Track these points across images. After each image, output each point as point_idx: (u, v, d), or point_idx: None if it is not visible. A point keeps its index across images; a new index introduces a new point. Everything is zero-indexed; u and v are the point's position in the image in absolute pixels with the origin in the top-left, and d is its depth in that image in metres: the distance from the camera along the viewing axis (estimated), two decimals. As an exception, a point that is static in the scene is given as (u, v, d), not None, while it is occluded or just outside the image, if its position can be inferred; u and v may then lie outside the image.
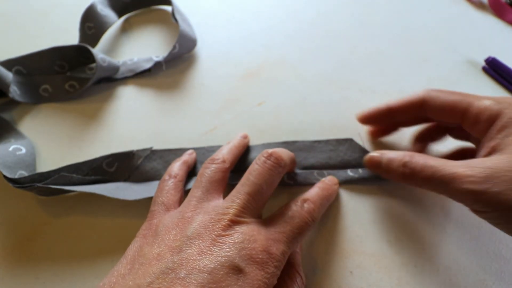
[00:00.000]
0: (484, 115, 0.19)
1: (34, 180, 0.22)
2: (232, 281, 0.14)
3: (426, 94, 0.21)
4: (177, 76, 0.31)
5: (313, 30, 0.36)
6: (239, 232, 0.16)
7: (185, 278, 0.14)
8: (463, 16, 0.38)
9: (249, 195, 0.18)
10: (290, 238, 0.17)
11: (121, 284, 0.15)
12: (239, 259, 0.15)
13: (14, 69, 0.29)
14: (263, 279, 0.15)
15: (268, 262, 0.15)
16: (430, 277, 0.20)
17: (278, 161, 0.19)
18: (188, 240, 0.16)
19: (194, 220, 0.17)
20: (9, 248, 0.21)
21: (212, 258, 0.15)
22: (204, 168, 0.20)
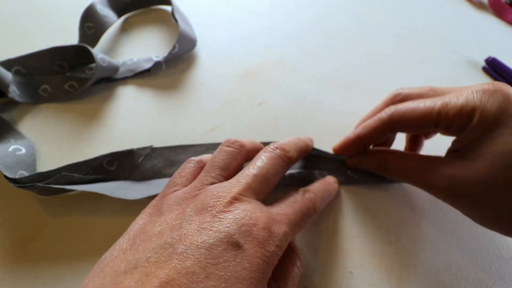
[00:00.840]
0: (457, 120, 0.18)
1: (35, 180, 0.22)
2: (230, 257, 0.14)
3: (391, 115, 0.20)
4: (177, 76, 0.31)
5: (313, 30, 0.36)
6: (241, 209, 0.16)
7: (183, 253, 0.14)
8: (463, 16, 0.38)
9: (255, 177, 0.18)
10: (292, 221, 0.17)
11: (121, 258, 0.15)
12: (238, 235, 0.15)
13: (14, 69, 0.29)
14: (262, 257, 0.15)
15: (269, 240, 0.15)
16: (430, 277, 0.20)
17: (285, 152, 0.20)
18: (189, 217, 0.16)
19: (197, 199, 0.17)
20: (9, 248, 0.21)
21: (211, 233, 0.15)
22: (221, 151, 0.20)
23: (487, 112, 0.16)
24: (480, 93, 0.17)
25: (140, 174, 0.24)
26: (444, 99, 0.18)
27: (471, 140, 0.17)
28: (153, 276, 0.13)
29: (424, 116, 0.19)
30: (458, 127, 0.18)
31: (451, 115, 0.18)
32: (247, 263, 0.14)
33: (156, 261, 0.14)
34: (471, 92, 0.17)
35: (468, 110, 0.17)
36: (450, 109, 0.18)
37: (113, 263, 0.15)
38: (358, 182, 0.24)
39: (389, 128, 0.21)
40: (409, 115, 0.19)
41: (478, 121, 0.17)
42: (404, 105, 0.20)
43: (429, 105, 0.19)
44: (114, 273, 0.14)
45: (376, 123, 0.21)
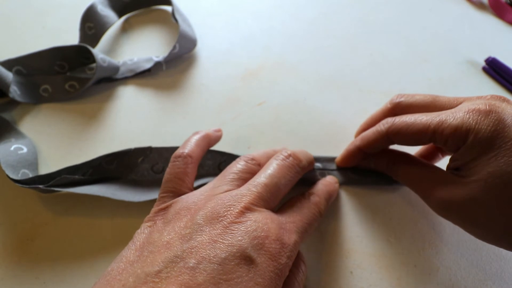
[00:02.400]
0: (451, 140, 0.18)
1: (36, 182, 0.22)
2: (243, 272, 0.14)
3: (389, 129, 0.20)
4: (177, 76, 0.31)
5: (313, 31, 0.36)
6: (252, 220, 0.15)
7: (195, 268, 0.13)
8: (463, 16, 0.38)
9: (266, 186, 0.17)
10: (301, 228, 0.17)
11: (129, 271, 0.14)
12: (251, 248, 0.14)
13: (14, 69, 0.29)
14: (275, 270, 0.14)
15: (281, 252, 0.15)
16: (430, 277, 0.20)
17: (297, 161, 0.20)
18: (199, 227, 0.15)
19: (206, 207, 0.16)
20: (9, 248, 0.21)
21: (223, 247, 0.14)
22: (236, 164, 0.19)
23: (481, 135, 0.17)
24: (476, 113, 0.17)
25: (140, 174, 0.24)
26: (441, 117, 0.18)
27: (467, 160, 0.17)
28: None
29: (420, 132, 0.19)
30: (453, 146, 0.18)
31: (445, 134, 0.18)
32: (260, 278, 0.14)
33: (167, 276, 0.13)
34: (467, 112, 0.17)
35: (462, 131, 0.17)
36: (445, 128, 0.18)
37: (121, 276, 0.14)
38: (359, 183, 0.24)
39: (386, 140, 0.21)
40: (406, 131, 0.19)
41: (472, 143, 0.17)
42: (402, 119, 0.20)
43: (426, 122, 0.19)
44: (122, 287, 0.13)
45: (375, 136, 0.21)
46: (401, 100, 0.22)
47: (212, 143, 0.22)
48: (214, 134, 0.22)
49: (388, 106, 0.22)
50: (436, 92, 0.30)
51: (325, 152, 0.26)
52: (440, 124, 0.18)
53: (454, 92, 0.30)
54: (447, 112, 0.18)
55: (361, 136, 0.23)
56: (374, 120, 0.24)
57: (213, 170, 0.24)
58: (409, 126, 0.19)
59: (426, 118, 0.19)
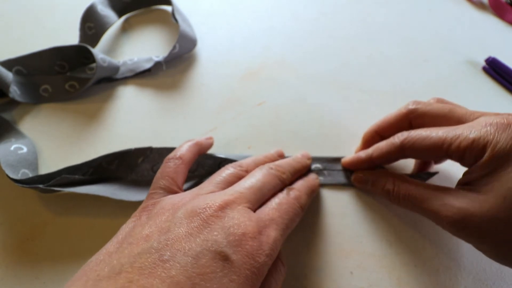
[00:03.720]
0: (468, 153, 0.17)
1: (36, 182, 0.22)
2: (218, 268, 0.14)
3: (403, 141, 0.20)
4: (177, 76, 0.31)
5: (313, 30, 0.36)
6: (230, 217, 0.15)
7: (169, 260, 0.13)
8: (463, 16, 0.38)
9: (251, 188, 0.18)
10: (281, 225, 0.17)
11: (106, 262, 0.14)
12: (226, 245, 0.14)
13: (14, 69, 0.29)
14: (251, 269, 0.14)
15: (259, 250, 0.15)
16: (430, 277, 0.20)
17: (280, 172, 0.20)
18: (178, 221, 0.15)
19: (188, 203, 0.16)
20: (9, 248, 0.21)
21: (199, 241, 0.14)
22: (225, 169, 0.20)
23: (500, 148, 0.16)
24: (493, 127, 0.17)
25: (140, 174, 0.24)
26: (457, 130, 0.18)
27: (483, 174, 0.17)
28: (135, 284, 0.13)
29: (436, 146, 0.18)
30: (470, 160, 0.17)
31: (462, 148, 0.17)
32: (235, 275, 0.14)
33: (140, 267, 0.13)
34: (484, 125, 0.17)
35: (479, 144, 0.17)
36: (462, 141, 0.17)
37: (98, 266, 0.14)
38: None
39: (400, 154, 0.20)
40: (421, 144, 0.19)
41: (490, 156, 0.16)
42: (417, 132, 0.20)
43: (441, 135, 0.18)
44: (97, 277, 0.13)
45: (388, 148, 0.21)
46: (417, 107, 0.21)
47: (203, 150, 0.23)
48: (205, 142, 0.23)
49: (403, 111, 0.22)
50: (436, 92, 0.30)
51: (325, 152, 0.26)
52: (456, 137, 0.18)
53: (454, 92, 0.30)
54: (463, 126, 0.18)
55: (375, 146, 0.22)
56: (387, 123, 0.23)
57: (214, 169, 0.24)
58: (424, 139, 0.19)
59: (442, 131, 0.18)
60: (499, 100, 0.30)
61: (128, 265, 0.14)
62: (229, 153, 0.26)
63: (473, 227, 0.17)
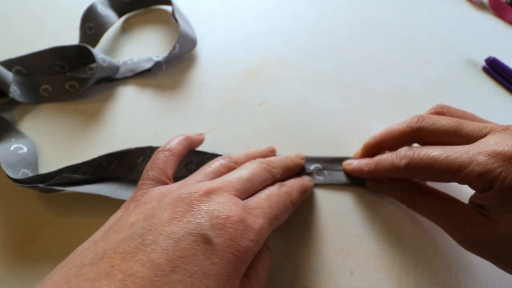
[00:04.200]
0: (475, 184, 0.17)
1: (36, 181, 0.22)
2: (199, 251, 0.14)
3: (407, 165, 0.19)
4: (177, 76, 0.31)
5: (313, 30, 0.36)
6: (216, 201, 0.15)
7: (150, 244, 0.13)
8: (463, 16, 0.38)
9: (238, 178, 0.18)
10: (269, 214, 0.17)
11: (91, 249, 0.14)
12: (209, 228, 0.14)
13: (14, 69, 0.29)
14: (234, 252, 0.14)
15: (243, 234, 0.15)
16: (430, 277, 0.20)
17: (270, 167, 0.20)
18: (163, 206, 0.15)
19: (176, 191, 0.16)
20: (9, 248, 0.21)
21: (181, 224, 0.14)
22: (215, 161, 0.20)
23: (508, 182, 0.16)
24: (501, 159, 0.16)
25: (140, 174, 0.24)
26: (463, 158, 0.17)
27: (494, 203, 0.17)
28: (117, 269, 0.13)
29: (440, 173, 0.18)
30: (477, 189, 0.17)
31: (468, 179, 0.17)
32: (216, 258, 0.14)
33: (123, 251, 0.13)
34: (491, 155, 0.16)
35: (486, 178, 0.16)
36: (468, 173, 0.17)
37: (82, 254, 0.14)
38: (358, 184, 0.24)
39: (404, 174, 0.20)
40: (424, 170, 0.18)
41: (499, 191, 0.16)
42: (421, 155, 0.19)
43: (446, 163, 0.17)
44: (80, 264, 0.13)
45: (391, 168, 0.20)
46: (421, 125, 0.20)
47: (193, 145, 0.23)
48: (195, 137, 0.23)
49: (407, 130, 0.21)
50: (436, 92, 0.30)
51: (325, 152, 0.26)
52: (462, 168, 0.17)
53: (454, 92, 0.30)
54: (469, 152, 0.17)
55: (377, 162, 0.22)
56: (389, 139, 0.22)
57: None
58: (429, 166, 0.18)
59: (446, 158, 0.17)
60: (499, 100, 0.30)
61: (111, 251, 0.14)
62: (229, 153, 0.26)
63: (486, 251, 0.17)
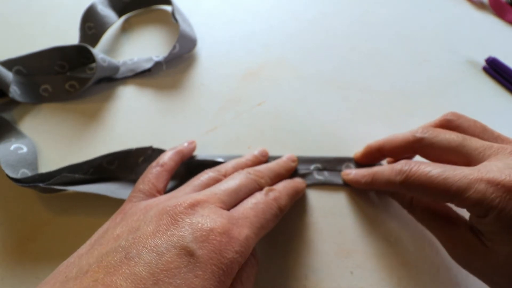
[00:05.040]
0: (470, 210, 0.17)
1: (36, 181, 0.22)
2: (182, 264, 0.13)
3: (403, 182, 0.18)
4: (177, 76, 0.31)
5: (313, 30, 0.36)
6: (200, 214, 0.15)
7: (134, 257, 0.14)
8: (463, 16, 0.38)
9: (224, 190, 0.18)
10: (255, 223, 0.17)
11: (75, 263, 0.14)
12: (192, 240, 0.14)
13: (14, 69, 0.29)
14: (218, 264, 0.14)
15: (228, 246, 0.15)
16: (430, 277, 0.20)
17: (258, 177, 0.20)
18: (148, 219, 0.15)
19: (162, 204, 0.16)
20: (9, 248, 0.21)
21: (165, 237, 0.14)
22: (204, 174, 0.20)
23: (505, 215, 0.15)
24: (500, 190, 0.15)
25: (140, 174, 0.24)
26: (462, 182, 0.16)
27: (489, 230, 0.16)
28: (100, 283, 0.13)
29: (436, 195, 0.17)
30: (473, 215, 0.17)
31: (464, 205, 0.16)
32: (200, 271, 0.14)
33: (106, 265, 0.13)
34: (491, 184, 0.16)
35: (482, 208, 0.16)
36: (465, 199, 0.16)
37: (67, 269, 0.14)
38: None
39: (400, 190, 0.20)
40: (422, 188, 0.18)
41: (494, 221, 0.16)
42: (417, 174, 0.18)
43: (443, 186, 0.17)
44: (65, 279, 0.14)
45: (387, 182, 0.20)
46: (424, 136, 0.20)
47: (185, 157, 0.23)
48: (186, 149, 0.24)
49: (410, 139, 0.20)
50: (436, 92, 0.30)
51: (325, 152, 0.26)
52: (459, 192, 0.16)
53: (454, 92, 0.30)
54: (468, 176, 0.16)
55: (373, 175, 0.21)
56: (392, 146, 0.22)
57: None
58: (425, 186, 0.17)
59: (444, 180, 0.17)
60: (499, 100, 0.30)
61: (95, 265, 0.14)
62: (229, 153, 0.26)
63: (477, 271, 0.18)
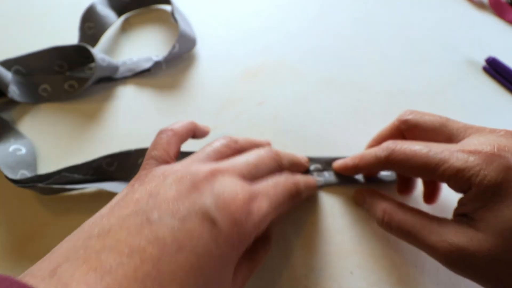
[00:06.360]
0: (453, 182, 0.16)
1: (35, 181, 0.22)
2: (204, 232, 0.14)
3: (388, 157, 0.19)
4: (177, 76, 0.31)
5: (313, 30, 0.36)
6: (221, 182, 0.15)
7: (156, 221, 0.14)
8: (463, 16, 0.38)
9: (244, 163, 0.18)
10: (274, 201, 0.17)
11: (97, 223, 0.14)
12: (214, 209, 0.14)
13: (14, 68, 0.29)
14: (238, 234, 0.14)
15: (247, 218, 0.15)
16: (430, 277, 0.20)
17: (279, 157, 0.20)
18: (168, 185, 0.15)
19: (180, 170, 0.16)
20: (9, 248, 0.21)
21: (187, 204, 0.14)
22: (216, 141, 0.20)
23: (487, 182, 0.15)
24: (481, 157, 0.16)
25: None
26: (444, 154, 0.17)
27: (476, 207, 0.16)
28: (123, 243, 0.13)
29: (420, 167, 0.17)
30: (456, 188, 0.17)
31: (446, 175, 0.16)
32: (221, 240, 0.14)
33: (128, 227, 0.14)
34: (472, 153, 0.16)
35: (464, 176, 0.16)
36: (446, 169, 0.16)
37: (89, 227, 0.14)
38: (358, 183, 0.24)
39: (386, 167, 0.20)
40: (405, 164, 0.18)
41: (478, 190, 0.15)
42: (403, 148, 0.18)
43: (426, 158, 0.17)
44: (87, 236, 0.14)
45: (373, 160, 0.20)
46: (408, 117, 0.20)
47: (198, 132, 0.22)
48: (202, 126, 0.23)
49: (395, 123, 0.21)
50: (436, 91, 0.30)
51: (325, 152, 0.26)
52: (441, 163, 0.16)
53: (454, 92, 0.30)
54: (451, 148, 0.17)
55: (361, 155, 0.21)
56: (381, 137, 0.22)
57: None
58: (409, 160, 0.18)
59: (427, 153, 0.17)
60: (499, 100, 0.30)
61: (117, 225, 0.14)
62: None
63: (466, 263, 0.16)
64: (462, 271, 0.16)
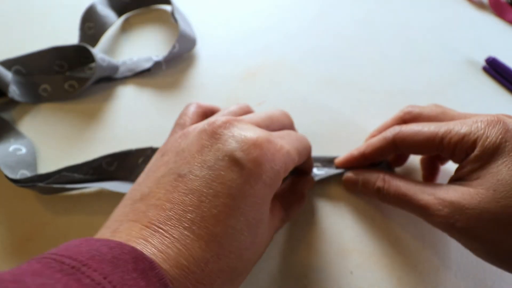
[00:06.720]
0: (459, 148, 0.18)
1: (35, 181, 0.22)
2: (234, 175, 0.14)
3: (395, 136, 0.20)
4: (177, 76, 0.31)
5: (313, 30, 0.36)
6: (239, 128, 0.16)
7: (187, 175, 0.14)
8: (463, 16, 0.38)
9: (261, 116, 0.18)
10: (294, 144, 0.17)
11: (137, 189, 0.16)
12: (238, 151, 0.15)
13: (14, 68, 0.29)
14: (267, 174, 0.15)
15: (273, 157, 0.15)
16: (430, 277, 0.20)
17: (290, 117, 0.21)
18: (190, 141, 0.16)
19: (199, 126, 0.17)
20: (9, 248, 0.21)
21: (211, 153, 0.15)
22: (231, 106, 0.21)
23: (490, 142, 0.16)
24: (484, 123, 0.17)
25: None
26: (449, 125, 0.18)
27: (474, 168, 0.17)
28: (163, 200, 0.14)
29: (427, 140, 0.19)
30: (461, 155, 0.18)
31: (453, 142, 0.18)
32: (252, 180, 0.14)
33: (164, 186, 0.15)
34: (475, 121, 0.18)
35: (470, 139, 0.17)
36: (453, 136, 0.18)
37: (131, 195, 0.16)
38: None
39: (393, 148, 0.20)
40: (413, 138, 0.19)
41: (480, 151, 0.17)
42: (409, 127, 0.20)
43: (433, 130, 0.19)
44: (132, 202, 0.15)
45: (381, 143, 0.21)
46: (411, 109, 0.22)
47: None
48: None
49: (399, 115, 0.22)
50: (436, 91, 0.30)
51: (326, 152, 0.26)
52: (448, 132, 0.18)
53: (454, 92, 0.30)
54: (455, 121, 0.18)
55: (367, 142, 0.22)
56: (385, 128, 0.23)
57: None
58: (416, 134, 0.19)
59: (434, 126, 0.19)
60: (499, 100, 0.30)
61: (154, 187, 0.15)
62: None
63: (463, 221, 0.16)
64: (452, 228, 0.17)
